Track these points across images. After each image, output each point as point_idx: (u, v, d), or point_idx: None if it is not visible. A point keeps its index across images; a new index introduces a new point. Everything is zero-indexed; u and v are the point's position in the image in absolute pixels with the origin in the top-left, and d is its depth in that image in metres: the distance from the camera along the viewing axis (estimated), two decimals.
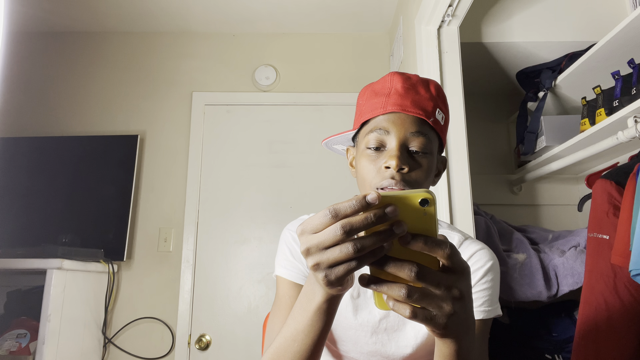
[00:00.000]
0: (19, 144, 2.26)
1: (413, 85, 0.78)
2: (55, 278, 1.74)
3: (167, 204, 2.28)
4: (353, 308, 0.82)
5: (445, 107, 0.83)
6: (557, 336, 1.73)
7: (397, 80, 0.79)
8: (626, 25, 1.42)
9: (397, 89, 0.77)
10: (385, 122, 0.76)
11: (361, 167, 0.79)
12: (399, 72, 0.81)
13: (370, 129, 0.77)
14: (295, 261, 0.86)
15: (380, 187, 0.73)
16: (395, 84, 0.78)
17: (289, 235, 0.90)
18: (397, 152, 0.73)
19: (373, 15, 2.39)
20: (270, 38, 2.53)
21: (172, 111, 2.41)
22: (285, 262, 0.87)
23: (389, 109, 0.76)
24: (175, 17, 2.39)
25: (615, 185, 1.37)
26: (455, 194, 1.57)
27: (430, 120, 0.76)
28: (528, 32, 1.91)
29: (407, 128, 0.75)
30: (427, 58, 1.70)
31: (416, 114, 0.75)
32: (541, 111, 1.92)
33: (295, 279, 0.84)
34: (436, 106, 0.78)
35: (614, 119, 1.40)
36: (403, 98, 0.76)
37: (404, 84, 0.78)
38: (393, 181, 0.72)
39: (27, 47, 2.45)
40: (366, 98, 0.82)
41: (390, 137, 0.75)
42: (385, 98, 0.77)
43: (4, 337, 1.76)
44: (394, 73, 0.81)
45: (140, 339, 2.12)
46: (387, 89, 0.78)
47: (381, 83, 0.81)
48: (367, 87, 0.84)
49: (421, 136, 0.75)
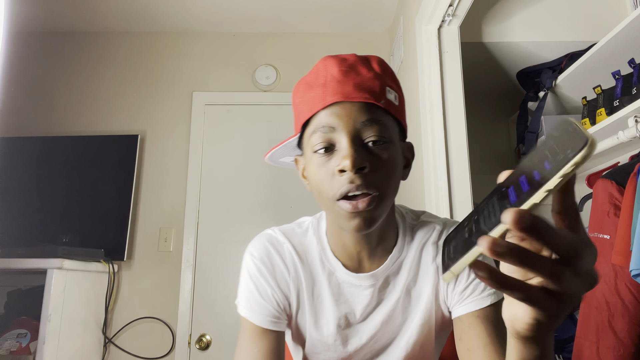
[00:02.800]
0: (19, 144, 2.25)
1: (352, 67, 0.66)
2: (55, 278, 1.74)
3: (167, 204, 2.28)
4: (342, 340, 0.75)
5: (396, 84, 0.70)
6: (557, 336, 1.73)
7: (331, 65, 0.66)
8: (626, 25, 1.43)
9: (334, 74, 0.65)
10: (328, 118, 0.63)
11: (312, 176, 0.67)
12: (333, 55, 0.69)
13: (313, 129, 0.65)
14: (264, 301, 0.74)
15: (342, 196, 0.61)
16: (330, 70, 0.65)
17: (253, 265, 0.76)
18: (349, 149, 0.60)
19: (373, 15, 2.39)
20: (270, 38, 2.53)
21: (172, 111, 2.41)
22: (252, 301, 0.74)
23: (329, 100, 0.63)
24: (175, 17, 2.39)
25: (615, 185, 1.36)
26: (455, 194, 1.57)
27: (381, 102, 0.64)
28: (528, 32, 1.91)
29: (355, 118, 0.62)
30: (428, 58, 1.70)
31: (362, 98, 0.63)
32: (541, 111, 1.92)
33: (264, 324, 0.73)
34: (384, 84, 0.66)
35: (614, 119, 1.41)
36: (343, 84, 0.64)
37: (340, 67, 0.65)
38: (353, 186, 0.60)
39: (27, 47, 2.45)
40: (301, 94, 0.69)
41: (338, 134, 0.63)
42: (321, 89, 0.65)
43: (4, 337, 1.76)
44: (327, 57, 0.68)
45: (141, 338, 2.11)
46: (322, 77, 0.66)
47: (314, 73, 0.68)
48: (300, 81, 0.71)
49: (374, 124, 0.63)
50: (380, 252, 0.74)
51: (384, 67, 0.69)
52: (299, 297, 0.76)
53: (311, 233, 0.78)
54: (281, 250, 0.77)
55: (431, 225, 0.77)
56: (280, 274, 0.75)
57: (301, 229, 0.80)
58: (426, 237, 0.76)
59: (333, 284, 0.75)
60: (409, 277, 0.74)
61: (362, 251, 0.73)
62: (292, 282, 0.75)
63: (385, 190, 0.63)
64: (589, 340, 1.31)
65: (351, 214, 0.62)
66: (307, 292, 0.75)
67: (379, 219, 0.65)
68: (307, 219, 0.82)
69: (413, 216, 0.80)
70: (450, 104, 1.65)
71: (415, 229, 0.77)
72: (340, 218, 0.64)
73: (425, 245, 0.75)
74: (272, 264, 0.76)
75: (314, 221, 0.80)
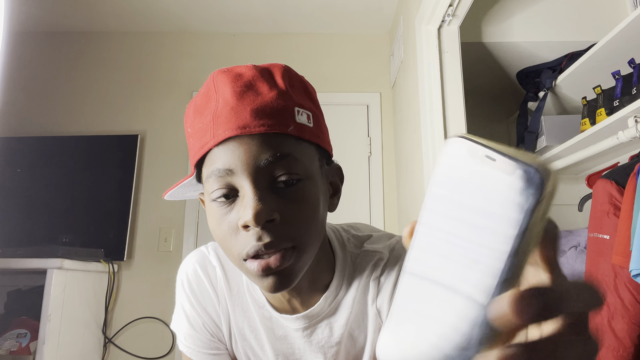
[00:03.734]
0: (19, 144, 2.26)
1: (249, 85, 0.52)
2: (55, 278, 1.74)
3: (167, 204, 2.28)
4: None
5: (310, 98, 0.57)
6: None
7: (223, 84, 0.52)
8: (626, 25, 1.42)
9: (226, 98, 0.51)
10: (222, 158, 0.50)
11: (213, 230, 0.55)
12: (226, 69, 0.55)
13: (208, 172, 0.51)
14: (197, 333, 0.66)
15: (250, 257, 0.50)
16: (222, 91, 0.52)
17: (183, 293, 0.67)
18: (253, 199, 0.48)
19: (373, 15, 2.39)
20: (270, 38, 2.53)
21: (172, 111, 2.41)
22: (186, 334, 0.67)
23: (221, 135, 0.49)
24: (175, 17, 2.39)
25: (615, 185, 1.36)
26: None
27: (289, 129, 0.51)
28: (528, 32, 1.91)
29: (257, 156, 0.49)
30: (428, 58, 1.70)
31: (264, 128, 0.49)
32: (541, 111, 1.92)
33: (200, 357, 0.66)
34: (292, 105, 0.52)
35: (614, 119, 1.40)
36: (237, 111, 0.50)
37: (234, 87, 0.52)
38: (261, 244, 0.48)
39: (27, 47, 2.45)
40: (191, 122, 0.55)
41: (238, 177, 0.50)
42: (212, 118, 0.51)
43: (4, 337, 1.76)
44: (218, 72, 0.54)
45: (141, 338, 2.12)
46: (212, 101, 0.52)
47: (204, 93, 0.55)
48: (190, 102, 0.57)
49: (282, 159, 0.50)
50: (314, 292, 0.62)
51: (291, 80, 0.55)
52: (231, 330, 0.67)
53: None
54: (212, 275, 0.66)
55: (373, 255, 0.64)
56: (210, 302, 0.66)
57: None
58: (366, 270, 0.63)
59: (266, 319, 0.64)
60: (350, 318, 0.62)
61: (292, 298, 0.61)
62: (222, 312, 0.66)
63: (303, 240, 0.51)
64: None
65: (262, 275, 0.50)
66: (236, 326, 0.66)
67: (300, 273, 0.53)
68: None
69: (356, 243, 0.66)
70: (450, 104, 1.65)
71: (357, 260, 0.64)
72: (252, 278, 0.52)
73: (365, 281, 0.63)
74: (200, 291, 0.66)
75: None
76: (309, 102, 0.57)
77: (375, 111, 2.40)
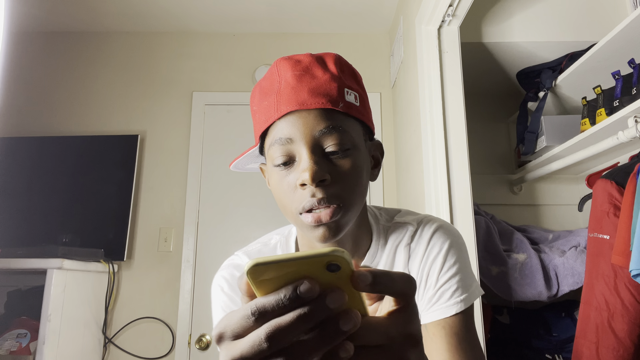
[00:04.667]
0: (19, 144, 2.26)
1: (306, 69, 0.63)
2: (55, 278, 1.74)
3: (167, 204, 2.28)
4: None
5: (357, 82, 0.68)
6: (557, 336, 1.73)
7: (285, 69, 0.63)
8: (626, 25, 1.42)
9: (287, 80, 0.62)
10: (284, 129, 0.60)
11: (274, 189, 0.66)
12: (287, 57, 0.66)
13: (271, 141, 0.62)
14: None
15: (305, 210, 0.60)
16: (284, 75, 0.62)
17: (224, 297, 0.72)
18: (309, 162, 0.58)
19: (373, 15, 2.39)
20: (270, 38, 2.53)
21: (172, 111, 2.41)
22: None
23: (283, 110, 0.60)
24: (175, 17, 2.39)
25: (615, 185, 1.37)
26: (455, 194, 1.57)
27: (340, 106, 0.61)
28: (528, 32, 1.91)
29: (313, 127, 0.60)
30: (427, 58, 1.70)
31: (319, 105, 0.60)
32: (541, 111, 1.92)
33: None
34: (342, 86, 0.63)
35: (614, 119, 1.40)
36: (297, 90, 0.61)
37: (294, 71, 0.62)
38: (315, 200, 0.59)
39: (27, 47, 2.45)
40: (257, 101, 0.66)
41: (297, 145, 0.60)
42: (275, 97, 0.62)
43: (4, 337, 1.76)
44: (281, 60, 0.65)
45: (141, 339, 2.12)
46: (275, 83, 0.63)
47: (268, 77, 0.65)
48: (256, 86, 0.68)
49: (334, 131, 0.60)
50: (355, 257, 0.72)
51: (341, 66, 0.66)
52: None
53: (279, 252, 0.76)
54: None
55: (404, 226, 0.75)
56: None
57: (268, 248, 0.77)
58: (399, 239, 0.74)
59: None
60: None
61: None
62: None
63: (349, 200, 0.61)
64: (588, 340, 1.31)
65: (315, 226, 0.60)
66: None
67: (346, 227, 0.63)
68: (274, 236, 0.79)
69: (387, 217, 0.78)
70: (450, 104, 1.65)
71: (389, 231, 0.75)
72: (305, 229, 0.62)
73: (398, 248, 0.73)
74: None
75: (282, 239, 0.78)
76: (356, 85, 0.66)
77: (375, 111, 2.40)
